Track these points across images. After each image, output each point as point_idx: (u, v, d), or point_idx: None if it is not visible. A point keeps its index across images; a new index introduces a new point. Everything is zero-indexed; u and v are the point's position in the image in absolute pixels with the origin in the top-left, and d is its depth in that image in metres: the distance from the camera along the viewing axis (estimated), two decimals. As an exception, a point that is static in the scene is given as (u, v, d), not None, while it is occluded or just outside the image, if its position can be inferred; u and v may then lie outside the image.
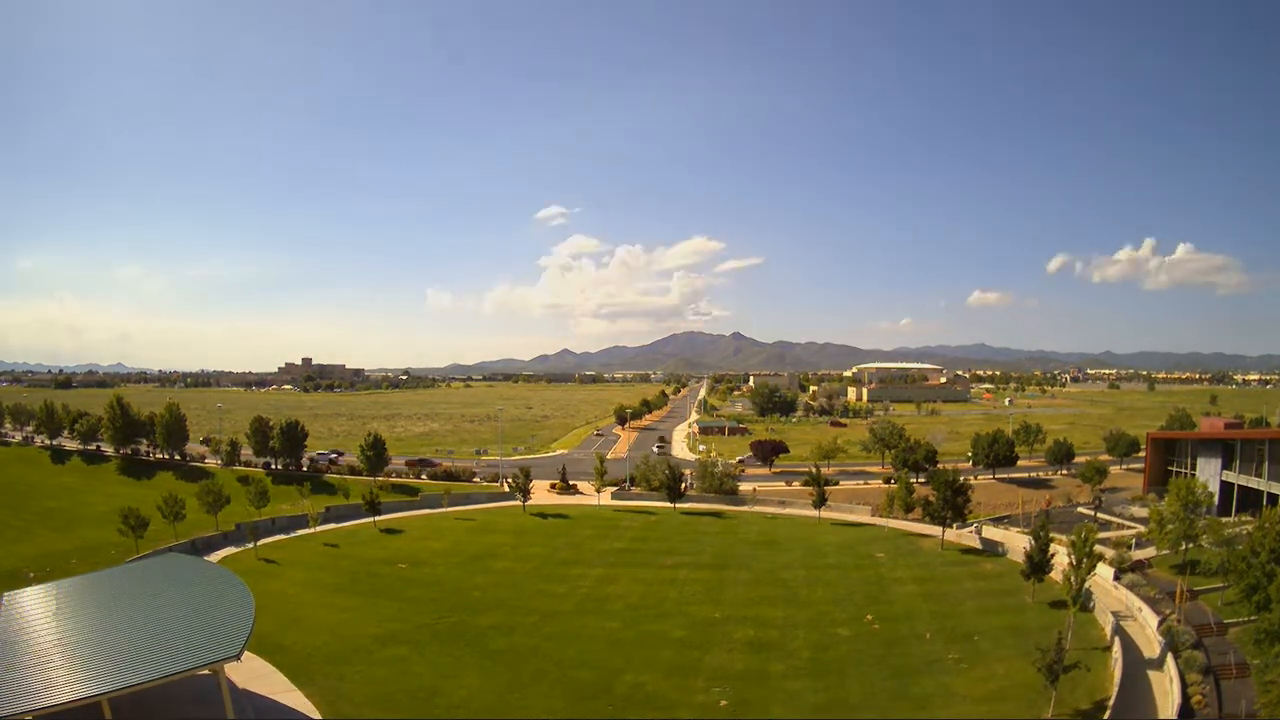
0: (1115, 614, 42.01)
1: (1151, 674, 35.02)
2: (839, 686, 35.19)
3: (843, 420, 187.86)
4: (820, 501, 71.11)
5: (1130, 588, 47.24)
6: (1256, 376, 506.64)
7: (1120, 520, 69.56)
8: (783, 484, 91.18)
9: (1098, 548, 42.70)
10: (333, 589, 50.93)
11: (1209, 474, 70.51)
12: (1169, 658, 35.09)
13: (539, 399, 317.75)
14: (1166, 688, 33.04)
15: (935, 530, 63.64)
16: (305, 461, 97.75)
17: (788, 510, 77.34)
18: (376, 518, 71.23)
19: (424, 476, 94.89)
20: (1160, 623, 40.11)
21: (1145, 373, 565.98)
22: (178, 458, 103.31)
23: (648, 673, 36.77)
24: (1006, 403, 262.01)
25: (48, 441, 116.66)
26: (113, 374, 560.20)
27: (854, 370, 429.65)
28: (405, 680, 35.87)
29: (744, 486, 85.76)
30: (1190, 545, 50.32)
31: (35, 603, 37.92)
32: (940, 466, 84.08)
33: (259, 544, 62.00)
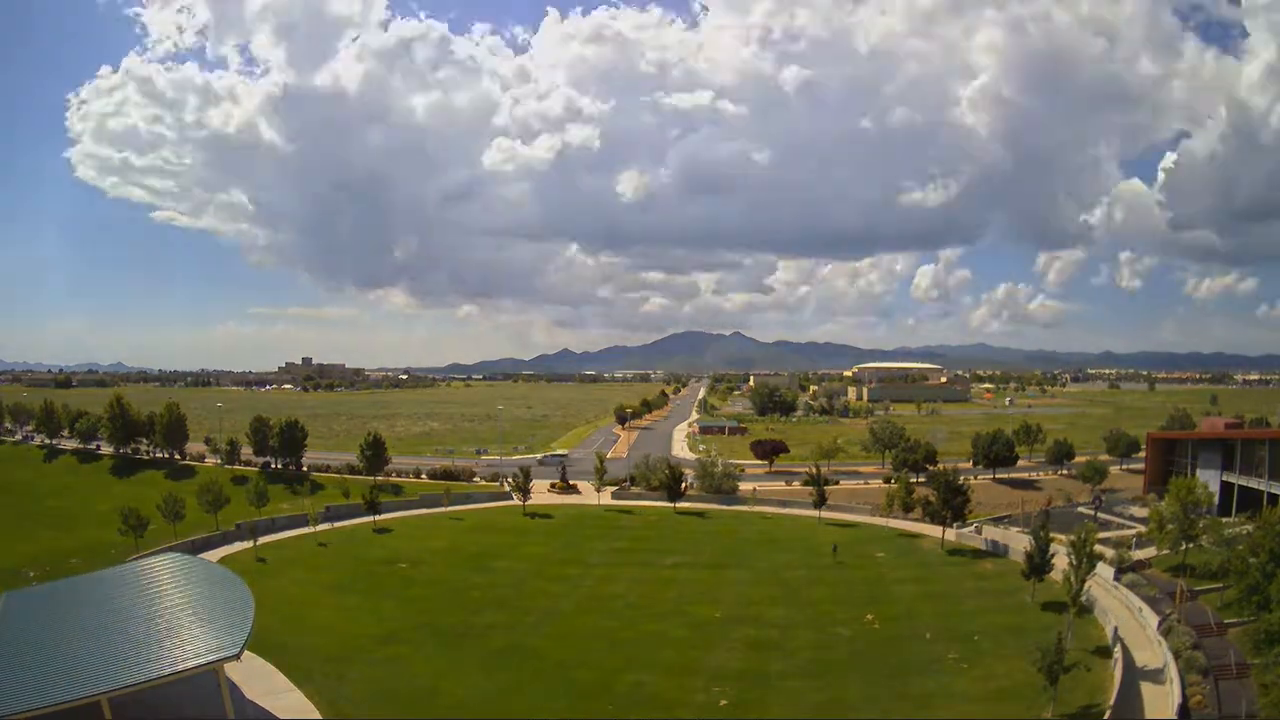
0: (1115, 614, 42.06)
1: (1151, 674, 35.00)
2: (839, 686, 35.22)
3: (843, 420, 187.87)
4: (820, 501, 71.08)
5: (1130, 588, 47.23)
6: (1257, 376, 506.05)
7: (1120, 520, 69.58)
8: (783, 484, 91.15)
9: (1098, 548, 42.69)
10: (333, 588, 50.95)
11: (1209, 474, 70.43)
12: (1169, 658, 35.10)
13: (539, 399, 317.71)
14: (1166, 688, 33.02)
15: (935, 530, 63.64)
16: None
17: (788, 510, 77.30)
18: (376, 517, 71.18)
19: (423, 476, 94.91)
20: (1160, 623, 40.11)
21: (1145, 373, 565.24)
22: (177, 457, 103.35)
23: (648, 672, 36.80)
24: (1007, 403, 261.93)
25: (46, 440, 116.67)
26: (112, 373, 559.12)
27: (854, 370, 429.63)
28: (405, 680, 35.89)
29: (744, 486, 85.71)
30: (1190, 545, 50.31)
31: (35, 602, 37.96)
32: (940, 466, 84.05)
33: (259, 543, 61.97)
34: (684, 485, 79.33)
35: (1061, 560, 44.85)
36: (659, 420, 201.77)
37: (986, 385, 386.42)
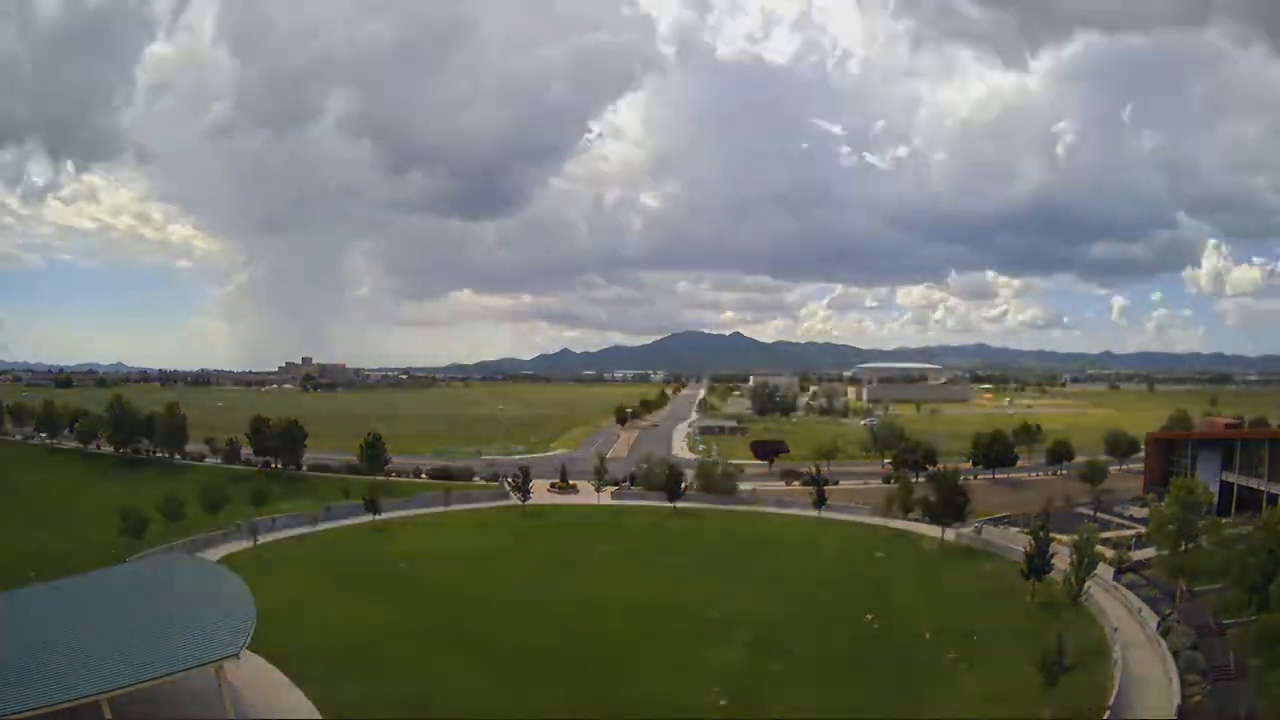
0: (1115, 614, 42.06)
1: (1151, 674, 35.02)
2: (839, 686, 35.24)
3: (843, 420, 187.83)
4: (820, 501, 71.11)
5: (1130, 588, 47.26)
6: (1256, 377, 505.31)
7: (1120, 520, 69.58)
8: (782, 484, 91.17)
9: (1097, 548, 42.74)
10: (332, 588, 50.88)
11: (1209, 474, 70.42)
12: (1168, 658, 35.14)
13: (539, 399, 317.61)
14: (1166, 688, 33.07)
15: (935, 530, 63.61)
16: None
17: (788, 510, 77.29)
18: (376, 517, 71.11)
19: (423, 476, 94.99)
20: (1160, 623, 40.15)
21: (1145, 374, 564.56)
22: (177, 457, 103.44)
23: (648, 672, 36.80)
24: (1006, 403, 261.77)
25: (46, 440, 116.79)
26: (113, 373, 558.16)
27: (854, 370, 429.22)
28: (405, 680, 35.89)
29: (744, 486, 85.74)
30: (1190, 545, 50.33)
31: (36, 602, 37.93)
32: (940, 467, 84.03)
33: (258, 543, 61.91)
34: (684, 485, 79.33)
35: (1061, 560, 44.92)
36: (659, 420, 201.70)
37: (986, 386, 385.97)
